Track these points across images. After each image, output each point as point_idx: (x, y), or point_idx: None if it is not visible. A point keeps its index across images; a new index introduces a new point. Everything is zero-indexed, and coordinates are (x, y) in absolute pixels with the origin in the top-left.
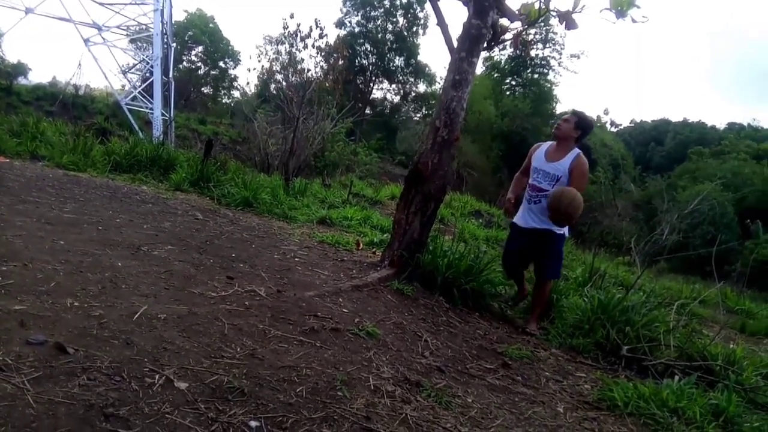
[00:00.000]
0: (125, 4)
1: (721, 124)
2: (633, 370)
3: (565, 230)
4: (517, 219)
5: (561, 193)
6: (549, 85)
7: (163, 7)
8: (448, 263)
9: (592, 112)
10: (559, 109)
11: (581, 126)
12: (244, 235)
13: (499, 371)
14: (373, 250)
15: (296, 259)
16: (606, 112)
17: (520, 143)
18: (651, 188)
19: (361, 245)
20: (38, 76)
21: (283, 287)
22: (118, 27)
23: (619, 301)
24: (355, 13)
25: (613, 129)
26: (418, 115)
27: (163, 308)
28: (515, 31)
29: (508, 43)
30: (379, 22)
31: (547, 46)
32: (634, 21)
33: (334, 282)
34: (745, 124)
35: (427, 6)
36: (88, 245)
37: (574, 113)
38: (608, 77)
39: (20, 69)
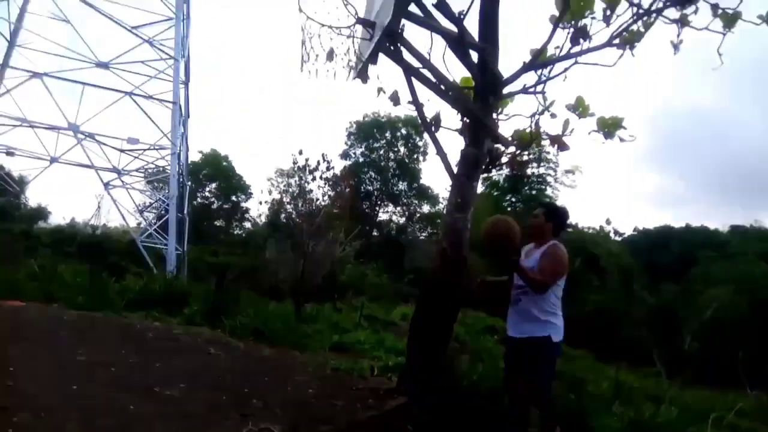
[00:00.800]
0: (144, 150)
1: (724, 227)
2: None
3: (554, 334)
4: (508, 328)
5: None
6: (548, 200)
7: (180, 150)
8: (468, 385)
9: (594, 222)
10: None
11: (551, 217)
12: (256, 368)
13: None
14: (389, 375)
15: (310, 391)
16: (608, 222)
17: None
18: (665, 295)
19: (376, 371)
20: (57, 217)
21: (298, 422)
22: (136, 170)
23: (651, 418)
24: (359, 145)
25: (618, 238)
26: (424, 234)
27: None
28: (510, 155)
29: (504, 164)
30: (381, 152)
31: (542, 164)
32: (621, 140)
33: (350, 414)
34: (748, 225)
35: (426, 135)
36: (101, 389)
37: (540, 205)
38: (606, 188)
39: (41, 213)
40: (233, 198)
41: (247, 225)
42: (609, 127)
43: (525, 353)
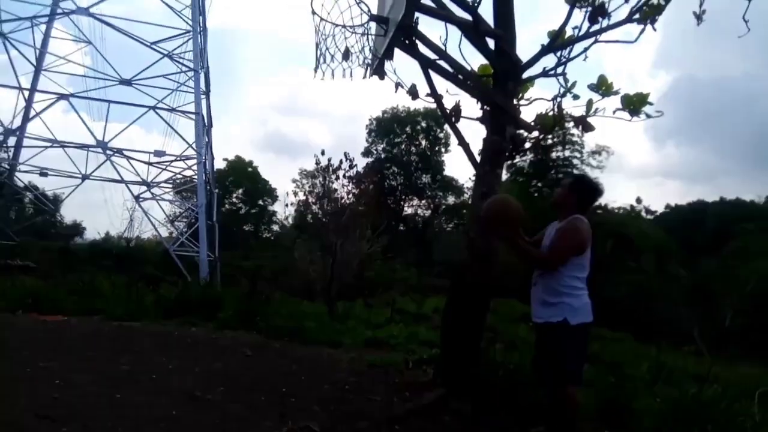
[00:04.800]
0: (171, 162)
1: (760, 198)
2: None
3: (572, 317)
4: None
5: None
6: (581, 173)
7: (205, 159)
8: (504, 375)
9: (624, 202)
10: None
11: (576, 188)
12: (293, 368)
13: None
14: (424, 368)
15: (347, 387)
16: (639, 201)
17: None
18: (702, 271)
19: (411, 364)
20: (92, 232)
21: (337, 420)
22: (165, 181)
23: (694, 397)
24: (380, 141)
25: (649, 216)
26: (450, 225)
27: None
28: (534, 140)
29: (528, 150)
30: (403, 147)
31: (567, 147)
32: (648, 116)
33: (387, 408)
34: None
35: (447, 127)
36: (143, 396)
37: (571, 177)
38: (634, 166)
39: (77, 230)
40: (260, 202)
41: (275, 227)
42: (634, 104)
43: (546, 338)
